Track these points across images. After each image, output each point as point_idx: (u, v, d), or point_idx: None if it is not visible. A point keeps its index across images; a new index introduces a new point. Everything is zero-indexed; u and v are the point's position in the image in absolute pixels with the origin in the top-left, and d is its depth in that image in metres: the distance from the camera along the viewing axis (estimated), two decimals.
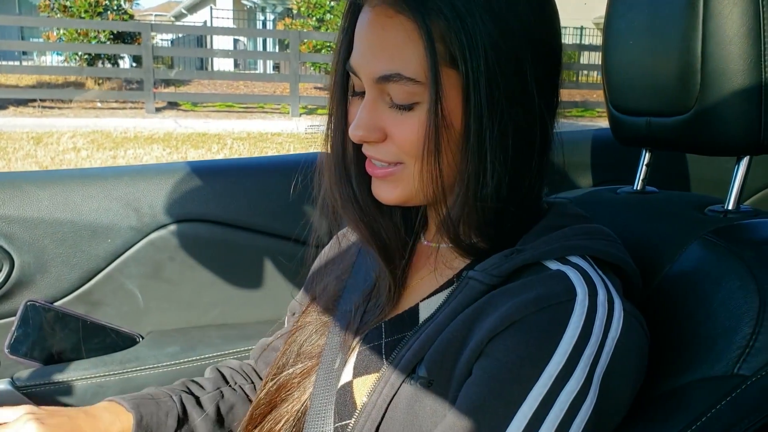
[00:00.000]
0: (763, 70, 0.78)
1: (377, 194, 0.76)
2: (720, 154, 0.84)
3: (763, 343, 0.66)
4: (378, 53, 0.69)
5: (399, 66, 0.67)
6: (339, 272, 0.92)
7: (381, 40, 0.69)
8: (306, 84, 12.39)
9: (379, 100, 0.71)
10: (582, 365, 0.61)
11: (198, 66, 18.47)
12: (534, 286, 0.65)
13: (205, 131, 8.73)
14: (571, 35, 16.51)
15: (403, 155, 0.71)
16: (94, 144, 7.44)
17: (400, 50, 0.67)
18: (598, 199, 0.99)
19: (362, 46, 0.71)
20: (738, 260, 0.72)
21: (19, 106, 10.23)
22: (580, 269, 0.67)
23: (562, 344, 0.61)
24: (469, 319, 0.67)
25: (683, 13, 0.81)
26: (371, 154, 0.74)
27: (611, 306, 0.64)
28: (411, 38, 0.67)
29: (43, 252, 1.25)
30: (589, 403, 0.60)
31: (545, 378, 0.60)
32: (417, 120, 0.69)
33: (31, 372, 1.21)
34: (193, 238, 1.32)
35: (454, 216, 0.72)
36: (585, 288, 0.64)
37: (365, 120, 0.71)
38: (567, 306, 0.63)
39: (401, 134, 0.70)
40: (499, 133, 0.68)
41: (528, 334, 0.62)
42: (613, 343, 0.63)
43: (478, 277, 0.69)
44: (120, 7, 12.63)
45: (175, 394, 0.98)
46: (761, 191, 1.71)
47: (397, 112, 0.70)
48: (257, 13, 21.64)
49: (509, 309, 0.64)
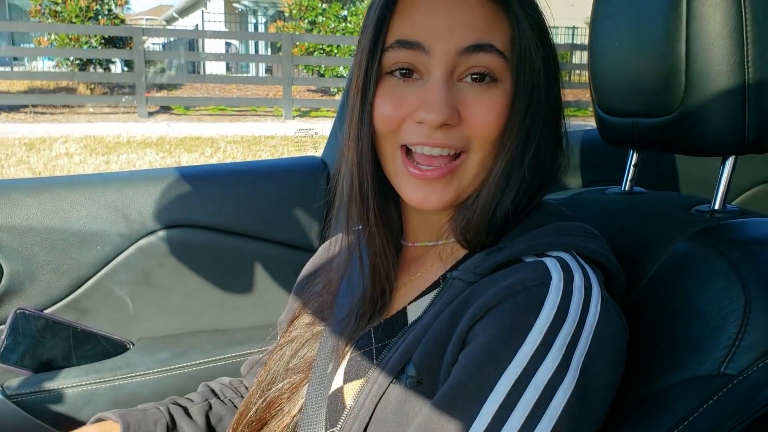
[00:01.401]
0: (747, 70, 0.78)
1: (423, 199, 0.72)
2: (705, 154, 0.84)
3: (749, 342, 0.66)
4: (465, 25, 0.68)
5: (490, 38, 0.68)
6: (330, 278, 0.92)
7: (468, 14, 0.68)
8: (299, 87, 12.39)
9: (450, 80, 0.69)
10: (557, 346, 0.60)
11: (190, 70, 18.45)
12: (511, 275, 0.66)
13: (198, 135, 8.72)
14: (563, 35, 16.56)
15: (475, 140, 0.69)
16: (87, 149, 7.43)
17: (489, 25, 0.69)
18: (586, 200, 1.00)
19: (436, 18, 0.68)
20: (724, 260, 0.73)
21: (10, 111, 10.19)
22: (559, 259, 0.67)
23: (537, 325, 0.61)
24: (454, 314, 0.67)
25: (667, 15, 0.81)
26: (437, 140, 0.69)
27: (588, 291, 0.65)
28: (495, 17, 0.69)
29: (32, 260, 1.24)
30: (567, 385, 0.59)
31: (520, 358, 0.60)
32: (497, 101, 0.69)
33: (21, 380, 1.20)
34: (182, 243, 1.32)
35: (481, 208, 0.71)
36: (560, 273, 0.65)
37: (444, 99, 0.67)
38: (541, 289, 0.63)
39: (481, 116, 0.69)
40: (543, 127, 0.72)
41: (503, 317, 0.63)
42: (592, 328, 0.63)
43: (462, 277, 0.70)
44: (111, 12, 12.60)
45: (163, 406, 0.98)
46: (749, 191, 1.72)
47: (474, 92, 0.69)
48: (248, 16, 21.61)
49: (488, 297, 0.64)
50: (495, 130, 0.69)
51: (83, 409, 1.22)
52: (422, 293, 0.77)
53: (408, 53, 0.69)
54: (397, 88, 0.71)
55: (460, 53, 0.68)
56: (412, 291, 0.78)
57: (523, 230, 0.73)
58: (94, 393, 1.22)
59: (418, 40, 0.68)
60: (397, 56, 0.70)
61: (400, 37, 0.69)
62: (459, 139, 0.70)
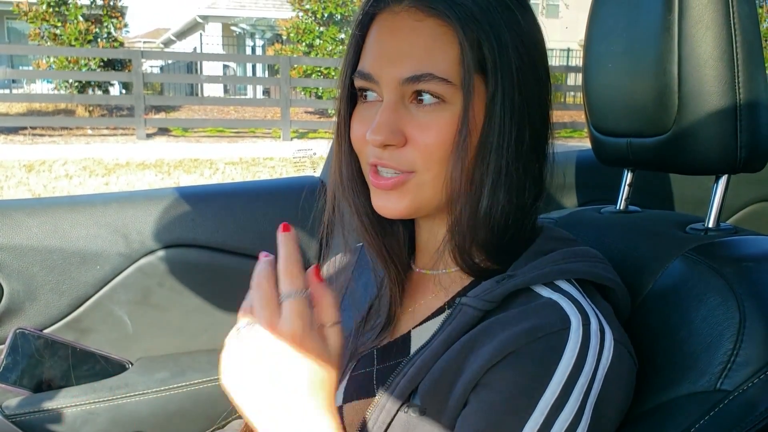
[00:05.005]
0: (738, 91, 0.80)
1: (382, 206, 0.74)
2: (699, 173, 0.86)
3: (744, 358, 0.67)
4: (406, 55, 0.69)
5: (430, 67, 0.68)
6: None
7: (409, 43, 0.70)
8: (296, 108, 12.45)
9: (399, 104, 0.71)
10: (576, 394, 0.62)
11: (188, 92, 18.53)
12: (528, 316, 0.66)
13: (197, 156, 8.74)
14: (558, 57, 16.69)
15: (420, 161, 0.71)
16: (86, 171, 7.44)
17: (430, 52, 0.69)
18: (582, 219, 1.00)
19: (384, 49, 0.71)
20: (718, 277, 0.73)
21: (9, 134, 10.22)
22: (572, 298, 0.67)
23: (557, 374, 0.62)
24: (464, 348, 0.67)
25: (659, 37, 0.83)
26: (385, 161, 0.72)
27: (602, 335, 0.65)
28: (442, 41, 0.69)
29: (32, 280, 1.25)
30: (582, 430, 0.61)
31: (541, 408, 0.61)
32: (442, 122, 0.69)
33: (20, 400, 1.20)
34: (181, 263, 1.32)
35: (462, 228, 0.72)
36: (579, 317, 0.65)
37: (386, 122, 0.70)
38: (562, 335, 0.64)
39: (424, 137, 0.70)
40: (516, 142, 0.70)
41: (524, 365, 0.63)
42: (604, 371, 0.64)
43: (471, 303, 0.69)
44: (110, 35, 12.69)
45: None
46: (743, 209, 1.74)
47: (420, 114, 0.70)
48: (246, 38, 21.77)
49: (505, 340, 0.64)
50: (438, 150, 0.69)
51: (82, 429, 1.22)
52: (427, 318, 0.77)
53: (365, 82, 0.73)
54: (365, 110, 0.75)
55: (402, 83, 0.70)
56: (417, 315, 0.79)
57: (530, 257, 0.73)
58: (93, 413, 1.22)
59: (369, 72, 0.72)
60: (358, 83, 0.75)
61: (360, 68, 0.74)
62: (404, 161, 0.71)
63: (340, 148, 0.79)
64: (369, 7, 0.74)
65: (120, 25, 12.88)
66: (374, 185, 0.74)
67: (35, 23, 12.14)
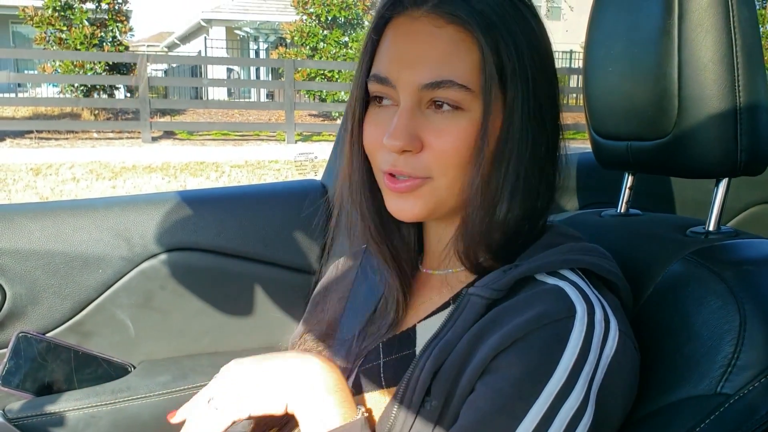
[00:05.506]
0: (738, 94, 0.79)
1: (398, 210, 0.75)
2: (699, 177, 0.85)
3: (744, 361, 0.67)
4: (425, 60, 0.70)
5: (449, 73, 0.69)
6: (337, 300, 0.93)
7: (428, 48, 0.70)
8: (301, 111, 12.47)
9: (416, 109, 0.71)
10: (581, 382, 0.62)
11: (193, 95, 18.58)
12: (535, 302, 0.66)
13: (203, 159, 8.77)
14: (561, 59, 16.66)
15: (436, 167, 0.71)
16: (93, 174, 7.46)
17: (449, 58, 0.69)
18: (583, 222, 1.00)
19: (402, 53, 0.71)
20: (719, 280, 0.73)
21: (15, 137, 10.26)
22: (577, 286, 0.68)
23: (563, 361, 0.63)
24: (474, 338, 0.68)
25: (659, 40, 0.83)
26: (400, 168, 0.72)
27: (607, 325, 0.66)
28: (461, 48, 0.69)
29: (34, 283, 1.25)
30: (587, 419, 0.62)
31: (546, 394, 0.62)
32: (460, 129, 0.70)
33: (23, 403, 1.20)
34: (183, 267, 1.32)
35: (474, 232, 0.72)
36: (584, 305, 0.66)
37: (404, 127, 0.70)
38: (567, 323, 0.64)
39: (441, 143, 0.70)
40: (534, 147, 0.71)
41: (530, 351, 0.64)
42: (608, 360, 0.65)
43: (479, 293, 0.70)
44: (115, 39, 12.74)
45: None
46: (744, 212, 1.73)
47: (438, 120, 0.70)
48: (250, 42, 21.82)
49: (512, 327, 0.65)
50: (455, 156, 0.70)
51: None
52: (432, 312, 0.78)
53: (381, 86, 0.73)
54: (378, 115, 0.75)
55: (420, 89, 0.70)
56: (422, 311, 0.80)
57: (537, 250, 0.74)
58: (95, 416, 1.22)
59: (386, 75, 0.72)
60: (373, 87, 0.75)
61: (375, 72, 0.74)
62: (420, 167, 0.71)
63: (351, 152, 0.79)
64: (386, 11, 0.74)
65: (125, 29, 12.94)
66: (390, 189, 0.74)
67: (41, 27, 12.21)
